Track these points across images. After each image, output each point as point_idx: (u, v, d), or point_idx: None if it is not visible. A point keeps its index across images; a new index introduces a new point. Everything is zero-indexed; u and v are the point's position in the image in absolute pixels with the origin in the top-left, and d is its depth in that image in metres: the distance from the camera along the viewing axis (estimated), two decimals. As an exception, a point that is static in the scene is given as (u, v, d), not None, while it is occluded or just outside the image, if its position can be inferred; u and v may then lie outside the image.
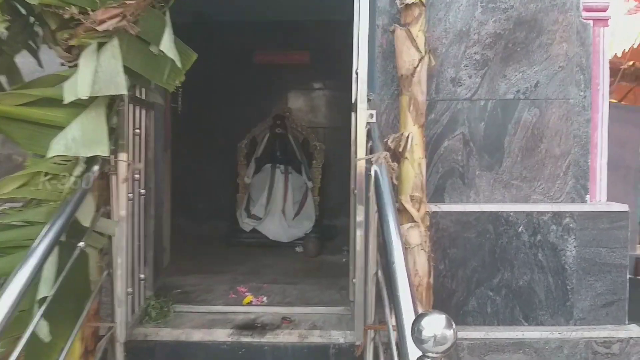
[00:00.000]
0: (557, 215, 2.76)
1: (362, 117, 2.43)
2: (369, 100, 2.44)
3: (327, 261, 4.30)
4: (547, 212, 2.76)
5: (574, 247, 2.75)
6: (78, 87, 1.98)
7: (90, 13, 2.03)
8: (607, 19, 2.81)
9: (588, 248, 2.76)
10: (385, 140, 2.54)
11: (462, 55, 2.83)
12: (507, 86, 2.84)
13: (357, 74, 2.70)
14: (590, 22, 2.81)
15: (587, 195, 2.81)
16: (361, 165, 2.41)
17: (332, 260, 4.33)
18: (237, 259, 4.25)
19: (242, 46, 5.51)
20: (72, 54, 2.09)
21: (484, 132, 2.84)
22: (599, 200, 2.83)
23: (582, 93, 2.83)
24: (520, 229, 2.76)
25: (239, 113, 5.51)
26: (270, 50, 5.56)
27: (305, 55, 5.57)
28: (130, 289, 2.52)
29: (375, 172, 2.15)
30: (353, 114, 2.77)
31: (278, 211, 4.79)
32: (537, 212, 2.75)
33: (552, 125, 2.84)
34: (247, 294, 3.22)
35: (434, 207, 2.66)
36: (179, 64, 2.15)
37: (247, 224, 4.77)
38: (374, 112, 2.43)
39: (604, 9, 2.80)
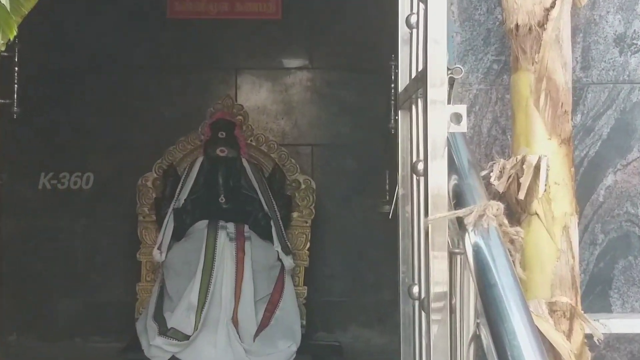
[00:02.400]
0: None
1: (439, 121, 1.99)
2: (451, 77, 2.12)
3: None
4: None
5: None
6: None
7: None
8: None
9: None
10: (482, 173, 2.27)
11: (637, -11, 2.59)
12: None
13: (412, 25, 2.34)
14: None
15: None
16: (440, 228, 1.96)
17: None
18: None
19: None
20: None
21: (691, 155, 2.57)
22: None
23: None
24: None
25: (141, 118, 5.29)
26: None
27: (271, 2, 5.40)
28: None
29: (477, 246, 1.92)
30: (400, 114, 2.49)
31: (223, 321, 4.45)
32: None
33: None
34: None
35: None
36: (6, 3, 1.94)
37: (159, 350, 4.39)
38: (463, 108, 2.01)
39: None
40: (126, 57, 5.28)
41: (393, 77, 3.87)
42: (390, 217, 2.71)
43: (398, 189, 2.48)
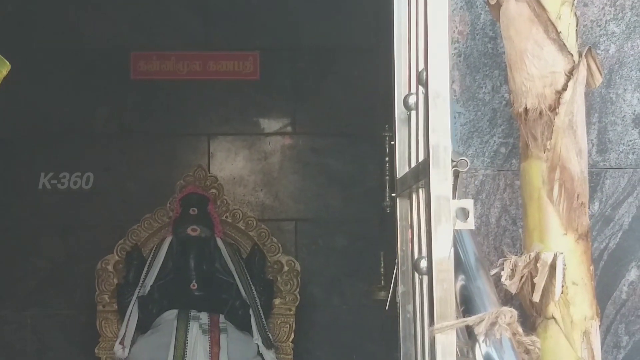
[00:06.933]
0: None
1: (443, 217, 2.07)
2: (456, 170, 2.17)
3: None
4: None
5: None
6: None
7: None
8: None
9: None
10: (492, 272, 2.32)
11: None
12: None
13: (410, 107, 2.41)
14: None
15: None
16: (447, 337, 2.00)
17: None
18: None
19: (109, 43, 5.37)
20: None
21: None
22: None
23: None
24: None
25: (100, 193, 5.30)
26: (170, 49, 5.46)
27: (248, 61, 5.51)
28: None
29: (488, 358, 2.01)
30: (399, 202, 2.53)
31: None
32: None
33: None
34: None
35: None
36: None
37: None
38: (470, 203, 2.07)
39: None
40: (83, 123, 5.32)
41: (387, 150, 3.91)
42: (387, 307, 2.73)
43: (398, 284, 2.47)
